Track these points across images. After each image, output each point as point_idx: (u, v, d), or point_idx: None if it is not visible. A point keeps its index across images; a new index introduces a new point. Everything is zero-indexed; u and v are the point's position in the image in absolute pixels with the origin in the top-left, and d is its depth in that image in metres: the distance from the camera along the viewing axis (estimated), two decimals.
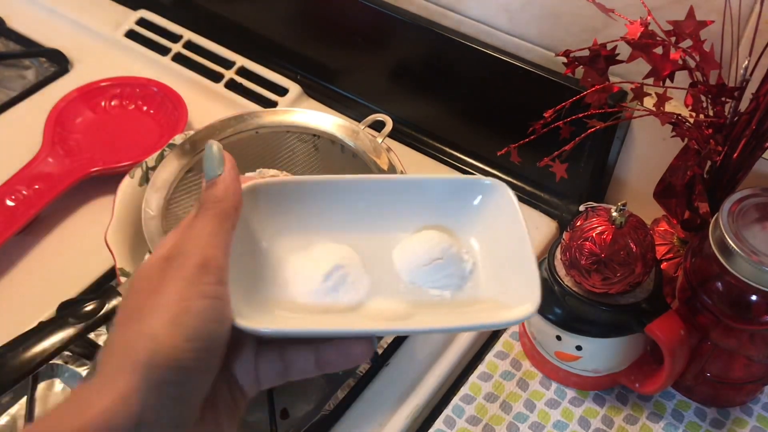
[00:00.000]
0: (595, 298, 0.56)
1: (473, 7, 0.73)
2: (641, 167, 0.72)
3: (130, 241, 0.62)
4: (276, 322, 0.38)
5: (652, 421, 0.62)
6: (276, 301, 0.39)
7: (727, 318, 0.54)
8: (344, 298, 0.40)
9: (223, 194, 0.37)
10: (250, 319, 0.35)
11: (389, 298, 0.41)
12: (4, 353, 0.50)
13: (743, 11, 0.56)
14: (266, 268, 0.41)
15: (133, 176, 0.65)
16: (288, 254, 0.41)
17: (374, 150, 0.66)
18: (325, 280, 0.40)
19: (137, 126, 0.84)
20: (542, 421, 0.61)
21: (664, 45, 0.51)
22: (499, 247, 0.42)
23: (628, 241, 0.53)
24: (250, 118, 0.68)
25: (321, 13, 0.85)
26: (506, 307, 0.39)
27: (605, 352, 0.60)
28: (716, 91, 0.53)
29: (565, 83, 0.68)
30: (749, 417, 0.62)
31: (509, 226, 0.42)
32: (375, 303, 0.40)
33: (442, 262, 0.41)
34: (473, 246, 0.43)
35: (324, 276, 0.40)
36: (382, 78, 0.84)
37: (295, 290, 0.40)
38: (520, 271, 0.40)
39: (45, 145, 0.79)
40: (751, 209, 0.53)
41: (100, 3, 1.00)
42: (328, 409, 0.64)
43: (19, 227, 0.72)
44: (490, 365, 0.65)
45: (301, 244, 0.42)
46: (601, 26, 0.66)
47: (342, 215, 0.43)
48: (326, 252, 0.41)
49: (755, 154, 0.56)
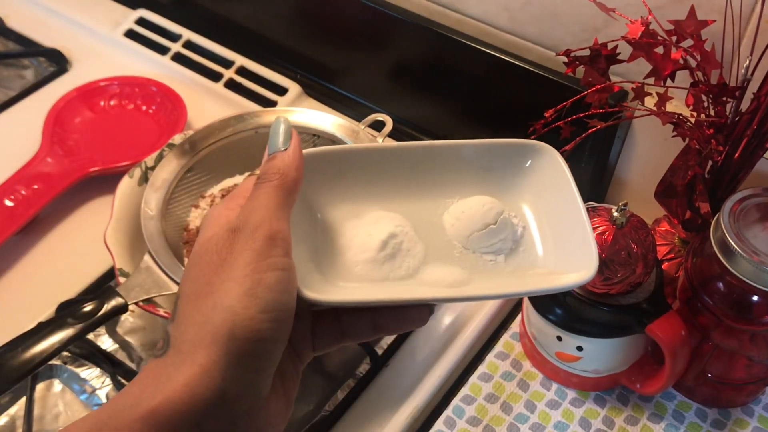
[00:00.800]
0: (595, 299, 0.56)
1: (473, 6, 0.73)
2: (642, 167, 0.72)
3: (129, 241, 0.62)
4: (341, 294, 0.38)
5: (653, 422, 0.61)
6: (335, 271, 0.40)
7: (728, 318, 0.54)
8: (401, 266, 0.40)
9: (286, 168, 0.37)
10: (315, 290, 0.36)
11: (445, 265, 0.41)
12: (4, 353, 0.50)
13: (744, 11, 0.56)
14: (322, 239, 0.41)
15: (132, 176, 0.65)
16: (341, 224, 0.42)
17: None
18: (382, 248, 0.40)
19: (136, 126, 0.84)
20: (543, 422, 0.61)
21: (665, 44, 0.51)
22: (550, 210, 0.42)
23: (629, 242, 0.53)
24: (249, 117, 0.68)
25: (321, 13, 0.85)
26: (563, 272, 0.39)
27: (606, 352, 0.59)
28: (717, 91, 0.53)
29: (565, 83, 0.68)
30: (750, 418, 0.62)
31: (559, 189, 0.42)
32: (431, 270, 0.41)
33: (494, 227, 0.42)
34: (523, 210, 0.43)
35: (380, 244, 0.40)
36: (382, 78, 0.84)
37: (352, 259, 0.40)
38: (574, 235, 0.40)
39: (44, 144, 0.78)
40: (752, 209, 0.53)
41: (100, 2, 1.00)
42: (328, 409, 0.64)
43: (18, 227, 0.72)
44: (491, 366, 0.65)
45: (352, 214, 0.42)
46: (601, 25, 0.66)
47: (390, 183, 0.43)
48: (377, 220, 0.42)
49: (756, 153, 0.56)
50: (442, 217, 0.43)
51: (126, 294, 0.54)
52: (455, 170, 0.44)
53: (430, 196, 0.43)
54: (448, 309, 0.69)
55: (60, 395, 0.65)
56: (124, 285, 0.55)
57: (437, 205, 0.43)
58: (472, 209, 0.42)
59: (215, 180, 0.67)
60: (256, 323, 0.32)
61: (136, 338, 0.69)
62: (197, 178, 0.66)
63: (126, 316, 0.70)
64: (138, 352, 0.68)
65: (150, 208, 0.61)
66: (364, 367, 0.66)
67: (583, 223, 0.40)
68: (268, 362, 0.34)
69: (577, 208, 0.40)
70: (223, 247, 0.34)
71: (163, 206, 0.62)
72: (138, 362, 0.67)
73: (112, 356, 0.66)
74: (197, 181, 0.66)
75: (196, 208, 0.65)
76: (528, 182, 0.43)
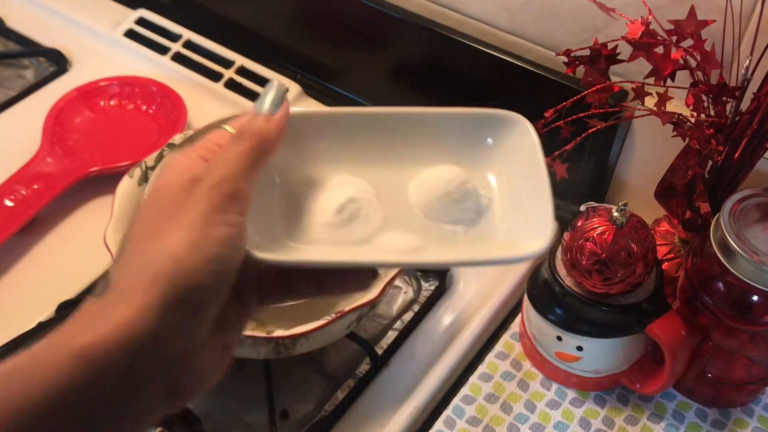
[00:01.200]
0: (595, 299, 0.56)
1: (473, 6, 0.73)
2: (642, 167, 0.72)
3: None
4: (287, 254, 0.39)
5: (653, 422, 0.61)
6: (290, 233, 0.40)
7: (728, 318, 0.54)
8: (357, 231, 0.40)
9: (269, 133, 0.37)
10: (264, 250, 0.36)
11: (402, 232, 0.41)
12: (4, 353, 0.50)
13: (744, 10, 0.56)
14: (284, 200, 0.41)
15: (132, 176, 0.65)
16: (303, 187, 0.42)
17: None
18: (339, 212, 0.40)
19: (136, 126, 0.84)
20: (543, 422, 0.61)
21: (665, 44, 0.51)
22: (516, 183, 0.42)
23: (629, 242, 0.53)
24: None
25: (321, 13, 0.85)
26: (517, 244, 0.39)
27: (606, 352, 0.59)
28: (717, 91, 0.53)
29: (565, 83, 0.68)
30: (750, 417, 0.62)
31: (528, 161, 0.41)
32: (387, 236, 0.41)
33: (457, 197, 0.41)
34: (490, 181, 0.43)
35: (337, 208, 0.40)
36: (382, 78, 0.84)
37: (310, 222, 0.40)
38: (535, 208, 0.39)
39: (44, 144, 0.78)
40: (752, 209, 0.53)
41: (99, 2, 1.00)
42: (328, 409, 0.64)
43: (18, 227, 0.72)
44: (491, 366, 0.65)
45: (316, 177, 0.42)
46: (601, 25, 0.66)
47: (357, 148, 0.43)
48: (340, 185, 0.42)
49: (756, 153, 0.56)
50: (407, 186, 0.42)
51: None
52: (425, 138, 0.43)
53: (400, 164, 0.43)
54: (448, 309, 0.69)
55: None
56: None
57: (405, 173, 0.43)
58: (436, 178, 0.42)
59: None
60: (197, 273, 0.32)
61: None
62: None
63: None
64: None
65: None
66: (364, 367, 0.66)
67: (546, 195, 0.39)
68: (206, 311, 0.34)
69: (543, 179, 0.39)
70: (178, 194, 0.34)
71: None
72: None
73: None
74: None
75: None
76: (497, 153, 0.43)
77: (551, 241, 0.37)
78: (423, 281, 0.73)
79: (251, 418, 0.64)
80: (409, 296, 0.73)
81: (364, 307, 0.57)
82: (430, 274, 0.73)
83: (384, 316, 0.71)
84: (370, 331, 0.70)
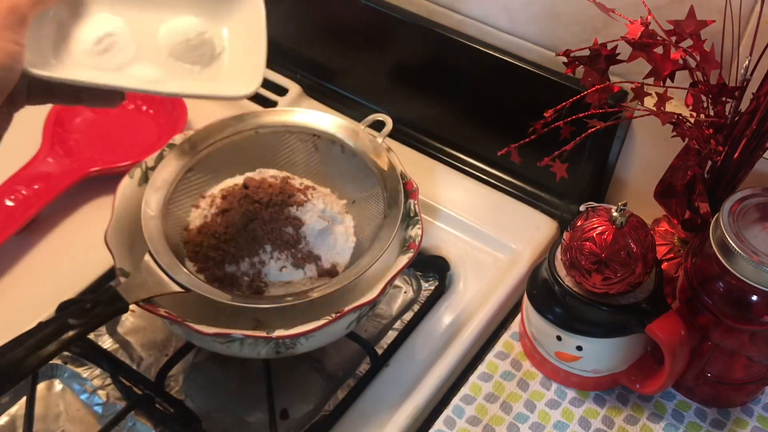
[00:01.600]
0: (595, 298, 0.56)
1: (474, 6, 0.73)
2: (642, 167, 0.72)
3: (129, 241, 0.62)
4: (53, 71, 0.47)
5: (653, 422, 0.61)
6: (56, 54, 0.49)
7: (728, 318, 0.54)
8: (112, 60, 0.51)
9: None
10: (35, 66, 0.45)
11: (149, 66, 0.52)
12: (4, 353, 0.50)
13: (744, 11, 0.56)
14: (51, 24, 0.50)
15: (132, 176, 0.65)
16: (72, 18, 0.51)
17: (374, 150, 0.66)
18: (98, 43, 0.51)
19: (137, 126, 0.84)
20: (542, 422, 0.61)
21: (665, 45, 0.51)
22: (243, 39, 0.54)
23: (628, 241, 0.53)
24: (249, 117, 0.68)
25: (321, 13, 0.85)
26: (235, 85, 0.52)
27: (606, 352, 0.60)
28: (717, 91, 0.53)
29: (565, 83, 0.68)
30: (750, 417, 0.62)
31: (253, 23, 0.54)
32: (137, 67, 0.52)
33: (195, 43, 0.53)
34: (224, 34, 0.55)
35: (96, 40, 0.51)
36: (382, 78, 0.84)
37: (75, 48, 0.50)
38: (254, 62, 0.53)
39: (44, 145, 0.78)
40: (751, 209, 0.53)
41: None
42: (328, 409, 0.64)
43: (19, 227, 0.72)
44: (491, 365, 0.65)
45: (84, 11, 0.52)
46: (601, 26, 0.66)
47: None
48: (101, 21, 0.52)
49: (756, 153, 0.56)
50: (159, 28, 0.53)
51: (126, 294, 0.54)
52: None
53: (155, 9, 0.54)
54: (448, 309, 0.69)
55: (60, 395, 0.65)
56: (125, 285, 0.55)
57: (160, 18, 0.54)
58: (181, 26, 0.54)
59: (215, 180, 0.67)
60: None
61: (136, 338, 0.69)
62: (197, 178, 0.66)
63: (126, 316, 0.70)
64: (138, 352, 0.68)
65: (150, 208, 0.61)
66: (364, 366, 0.66)
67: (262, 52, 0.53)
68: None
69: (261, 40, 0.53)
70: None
71: (164, 206, 0.62)
72: (138, 362, 0.67)
73: (113, 356, 0.66)
74: (197, 181, 0.66)
75: (196, 208, 0.65)
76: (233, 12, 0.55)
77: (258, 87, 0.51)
78: (423, 281, 0.73)
79: (251, 418, 0.64)
80: (409, 296, 0.73)
81: (364, 307, 0.57)
82: (430, 274, 0.73)
83: (384, 316, 0.71)
84: (370, 331, 0.70)
